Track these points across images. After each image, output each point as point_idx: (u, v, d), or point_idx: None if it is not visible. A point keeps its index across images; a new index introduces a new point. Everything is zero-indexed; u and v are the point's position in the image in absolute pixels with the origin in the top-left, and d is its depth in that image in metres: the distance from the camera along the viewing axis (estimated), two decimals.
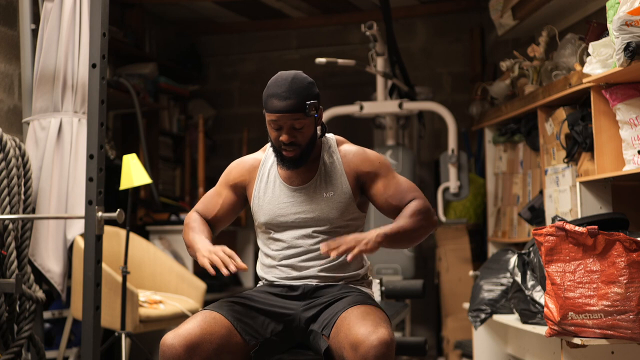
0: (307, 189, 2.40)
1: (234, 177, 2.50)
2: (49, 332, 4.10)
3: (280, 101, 2.29)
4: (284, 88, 2.30)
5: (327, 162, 2.42)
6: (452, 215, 4.92)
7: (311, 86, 2.35)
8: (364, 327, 2.11)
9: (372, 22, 4.35)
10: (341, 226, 2.39)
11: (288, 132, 2.31)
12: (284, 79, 2.33)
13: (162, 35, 5.86)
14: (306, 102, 2.30)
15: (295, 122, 2.30)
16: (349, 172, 2.41)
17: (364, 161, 2.42)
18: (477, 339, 3.86)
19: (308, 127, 2.34)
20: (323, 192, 2.39)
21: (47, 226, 3.62)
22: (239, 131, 6.00)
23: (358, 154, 2.44)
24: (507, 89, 4.30)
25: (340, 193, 2.39)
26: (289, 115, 2.29)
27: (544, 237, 2.56)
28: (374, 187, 2.41)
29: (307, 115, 2.31)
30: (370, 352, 2.05)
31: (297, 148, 2.33)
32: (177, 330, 2.18)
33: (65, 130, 3.64)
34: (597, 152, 2.92)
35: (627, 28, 2.54)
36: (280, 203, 2.41)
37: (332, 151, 2.45)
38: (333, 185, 2.39)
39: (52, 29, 3.62)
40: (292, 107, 2.29)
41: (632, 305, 2.40)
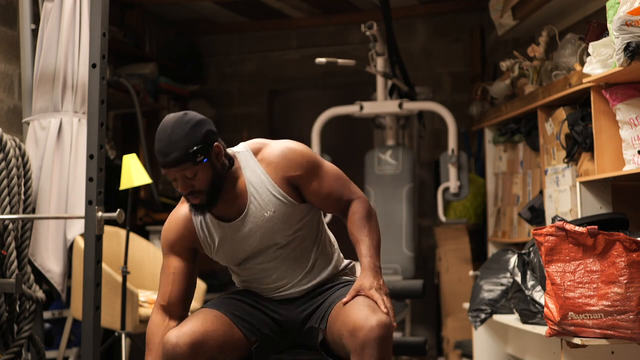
0: (246, 217, 2.28)
1: (176, 243, 2.35)
2: (49, 332, 4.10)
3: (163, 157, 2.17)
4: (165, 142, 2.17)
5: (254, 182, 2.28)
6: (452, 215, 4.92)
7: (194, 130, 2.18)
8: (362, 312, 2.10)
9: (372, 22, 4.35)
10: (298, 229, 2.32)
11: (182, 183, 2.20)
12: (163, 129, 2.19)
13: (162, 35, 5.85)
14: (189, 151, 2.15)
15: (185, 172, 2.18)
16: (279, 180, 2.28)
17: (291, 166, 2.29)
18: (477, 339, 3.86)
19: (203, 172, 2.20)
20: (264, 213, 2.27)
21: (47, 226, 3.62)
22: (239, 131, 5.99)
23: (281, 159, 2.29)
24: (507, 89, 4.30)
25: (281, 205, 2.28)
26: (176, 169, 2.18)
27: (544, 237, 2.56)
28: (307, 189, 2.31)
29: (195, 164, 2.17)
30: (370, 335, 2.05)
31: (199, 194, 2.22)
32: (180, 329, 2.18)
33: (65, 130, 3.64)
34: (597, 152, 2.92)
35: (627, 28, 2.54)
36: (230, 245, 2.31)
37: (253, 168, 2.30)
38: (269, 202, 2.27)
39: (52, 29, 3.62)
40: (176, 161, 2.16)
41: (632, 305, 2.40)
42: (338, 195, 2.34)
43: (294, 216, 2.30)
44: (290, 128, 6.30)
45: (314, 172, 2.31)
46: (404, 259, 4.45)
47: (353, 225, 2.32)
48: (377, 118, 4.98)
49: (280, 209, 2.28)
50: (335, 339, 2.18)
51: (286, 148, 2.31)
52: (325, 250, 2.40)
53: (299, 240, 2.32)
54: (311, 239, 2.36)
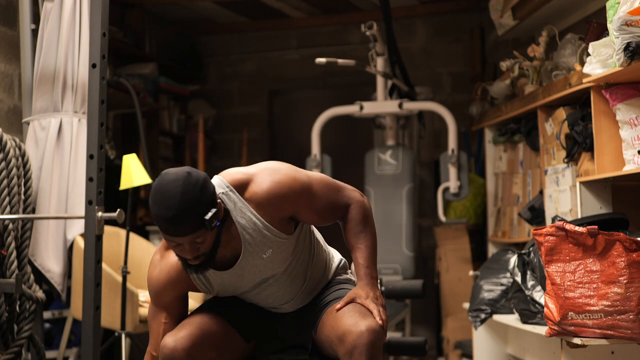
0: (243, 260, 2.17)
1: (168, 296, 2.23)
2: (49, 332, 4.10)
3: (173, 226, 1.97)
4: (174, 210, 1.95)
5: (246, 226, 2.13)
6: (452, 215, 4.92)
7: (205, 193, 2.00)
8: (351, 317, 2.09)
9: (372, 22, 4.35)
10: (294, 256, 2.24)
11: (190, 249, 2.03)
12: (168, 195, 1.96)
13: (162, 35, 5.85)
14: (204, 218, 1.98)
15: (196, 239, 2.01)
16: (271, 220, 2.14)
17: (282, 204, 2.14)
18: (477, 339, 3.86)
19: (211, 236, 2.05)
20: (261, 255, 2.16)
21: (47, 226, 3.62)
22: (239, 131, 6.00)
23: (272, 199, 2.13)
24: (507, 89, 4.30)
25: (277, 245, 2.17)
26: (188, 237, 2.00)
27: (544, 237, 2.56)
28: (304, 216, 2.21)
29: (209, 229, 2.01)
30: (359, 341, 2.03)
31: (202, 256, 2.07)
32: (177, 333, 2.16)
33: (65, 130, 3.64)
34: (597, 152, 2.92)
35: (627, 28, 2.54)
36: (229, 286, 2.23)
37: (242, 210, 2.13)
38: (265, 243, 2.15)
39: (52, 29, 3.62)
40: (190, 229, 1.98)
41: (632, 305, 2.40)
42: (333, 207, 2.25)
43: (290, 247, 2.22)
44: (290, 128, 6.30)
45: (306, 199, 2.18)
46: (404, 259, 4.45)
47: (349, 232, 2.26)
48: (377, 118, 4.98)
49: (277, 247, 2.18)
50: (325, 344, 2.18)
51: (273, 184, 2.14)
52: (318, 258, 2.35)
53: (295, 262, 2.26)
54: (306, 256, 2.30)
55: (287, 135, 6.30)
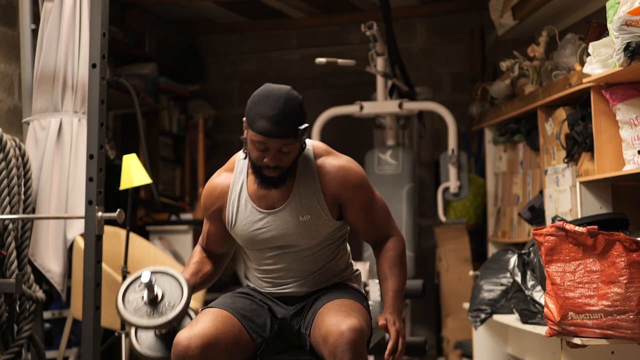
0: (281, 211, 2.27)
1: (208, 208, 2.38)
2: (49, 332, 4.10)
3: (272, 125, 2.11)
4: (277, 110, 2.12)
5: (303, 181, 2.27)
6: (452, 215, 4.92)
7: (303, 107, 2.18)
8: (335, 318, 2.11)
9: (372, 22, 4.35)
10: (322, 241, 2.33)
11: (274, 155, 2.17)
12: (275, 98, 2.14)
13: (162, 35, 5.86)
14: (299, 127, 2.15)
15: (284, 147, 2.16)
16: (327, 193, 2.27)
17: (344, 186, 2.27)
18: (477, 339, 3.86)
19: (295, 150, 2.20)
20: (299, 216, 2.25)
21: (47, 226, 3.62)
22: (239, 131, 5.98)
23: (338, 175, 2.28)
24: (507, 89, 4.30)
25: (318, 216, 2.27)
26: (280, 141, 2.14)
27: (544, 237, 2.56)
28: (351, 211, 2.32)
29: (298, 141, 2.17)
30: (340, 340, 2.05)
31: (280, 170, 2.20)
32: (191, 330, 2.15)
33: (65, 130, 3.64)
34: (597, 152, 2.92)
35: (627, 28, 2.54)
36: (253, 229, 2.30)
37: (309, 168, 2.28)
38: (309, 207, 2.26)
39: (52, 29, 3.62)
40: (285, 132, 2.13)
41: (632, 305, 2.40)
42: (379, 227, 2.37)
43: (325, 229, 2.30)
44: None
45: (363, 198, 2.31)
46: None
47: (385, 261, 2.34)
48: (377, 118, 4.98)
49: (316, 219, 2.27)
50: (315, 345, 2.20)
51: (346, 165, 2.30)
52: (341, 260, 2.41)
53: (319, 249, 2.33)
54: (330, 251, 2.37)
55: None
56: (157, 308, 2.20)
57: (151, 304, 2.20)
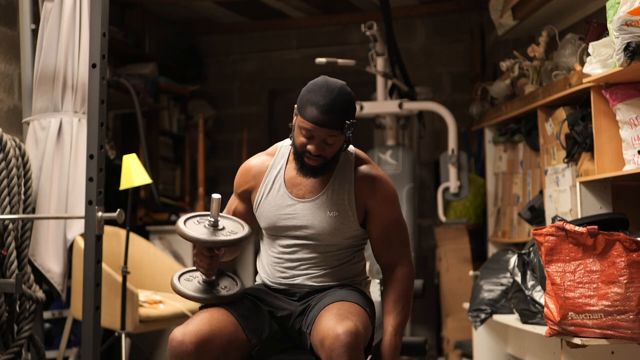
0: (311, 202, 2.33)
1: (240, 185, 2.43)
2: (49, 332, 4.10)
3: (321, 113, 2.19)
4: (328, 100, 2.19)
5: (339, 180, 2.33)
6: (452, 215, 4.92)
7: (354, 103, 2.25)
8: (330, 321, 2.12)
9: (372, 22, 4.35)
10: (343, 241, 2.36)
11: (318, 144, 2.23)
12: (329, 89, 2.21)
13: (162, 35, 5.86)
14: (346, 120, 2.21)
15: (329, 137, 2.22)
16: (358, 196, 2.33)
17: (374, 194, 2.33)
18: (477, 339, 3.86)
19: (338, 143, 2.26)
20: (327, 211, 2.31)
21: (47, 226, 3.62)
22: (239, 131, 5.99)
23: (372, 183, 2.34)
24: (507, 89, 4.30)
25: (345, 215, 2.32)
26: (326, 131, 2.21)
27: (544, 237, 2.56)
28: (373, 225, 2.36)
29: (343, 134, 2.23)
30: (335, 344, 2.06)
31: (321, 159, 2.26)
32: (186, 327, 2.16)
33: (65, 130, 3.64)
34: (597, 152, 2.92)
35: (627, 28, 2.54)
36: (280, 213, 2.35)
37: (347, 168, 2.35)
38: (339, 205, 2.32)
39: (52, 29, 3.62)
40: (332, 123, 2.20)
41: (632, 305, 2.40)
42: (393, 249, 2.37)
43: (348, 231, 2.34)
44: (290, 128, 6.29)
45: (388, 213, 2.35)
46: None
47: (392, 293, 2.35)
48: (377, 118, 4.98)
49: (342, 219, 2.32)
50: (314, 348, 2.21)
51: (382, 177, 2.36)
52: (352, 266, 2.42)
53: (336, 249, 2.36)
54: (346, 254, 2.39)
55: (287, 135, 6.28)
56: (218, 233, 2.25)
57: (214, 227, 2.25)
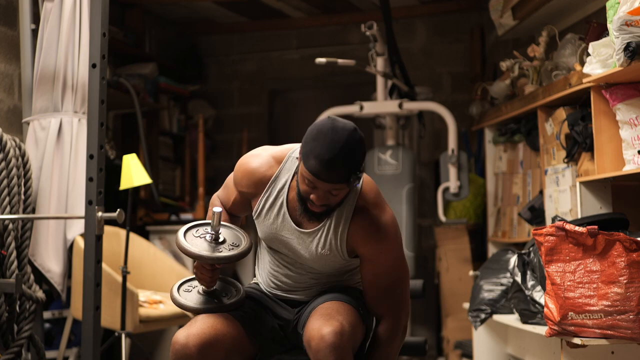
0: (307, 235, 2.23)
1: (241, 185, 2.31)
2: (49, 332, 4.10)
3: (325, 168, 2.02)
4: (333, 154, 2.00)
5: (336, 217, 2.20)
6: (452, 215, 4.92)
7: (362, 151, 2.07)
8: (318, 321, 2.11)
9: (372, 22, 4.35)
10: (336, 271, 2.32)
11: (322, 196, 2.10)
12: (335, 139, 2.01)
13: (162, 35, 5.85)
14: (353, 174, 2.05)
15: (333, 190, 2.08)
16: (349, 239, 2.21)
17: (370, 241, 2.20)
18: (477, 339, 3.86)
19: (344, 192, 2.13)
20: (319, 248, 2.21)
21: (47, 226, 3.62)
22: (239, 131, 5.99)
23: (367, 231, 2.19)
24: (507, 89, 4.29)
25: (335, 254, 2.23)
26: (329, 185, 2.06)
27: (544, 237, 2.56)
28: (363, 269, 2.26)
29: (349, 187, 2.10)
30: (321, 344, 2.05)
31: (325, 207, 2.14)
32: (189, 329, 2.15)
33: (65, 130, 3.64)
34: (597, 152, 2.92)
35: (627, 28, 2.54)
36: (278, 233, 2.26)
37: (348, 206, 2.20)
38: (330, 244, 2.21)
39: (52, 29, 3.62)
40: (337, 178, 2.04)
41: (632, 305, 2.40)
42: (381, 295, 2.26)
43: (340, 264, 2.28)
44: (290, 128, 6.30)
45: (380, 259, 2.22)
46: None
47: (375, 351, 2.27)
48: (377, 118, 4.98)
49: (333, 257, 2.24)
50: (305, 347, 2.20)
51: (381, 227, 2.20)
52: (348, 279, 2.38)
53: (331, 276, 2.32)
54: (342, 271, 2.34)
55: (287, 135, 6.28)
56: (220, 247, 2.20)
57: (215, 242, 2.21)
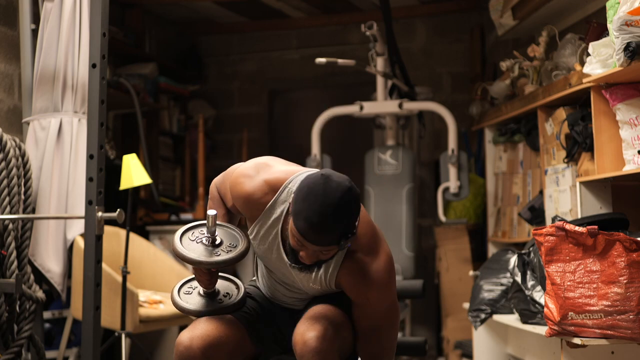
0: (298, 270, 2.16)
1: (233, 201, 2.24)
2: (49, 332, 4.10)
3: (314, 233, 1.94)
4: (323, 217, 1.91)
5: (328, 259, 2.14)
6: (452, 215, 4.92)
7: (355, 214, 1.97)
8: (303, 326, 2.10)
9: (372, 22, 4.35)
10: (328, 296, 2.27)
11: (312, 256, 2.03)
12: (326, 202, 1.92)
13: (162, 35, 5.85)
14: (343, 238, 1.97)
15: (323, 250, 2.01)
16: (339, 281, 2.17)
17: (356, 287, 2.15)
18: (477, 339, 3.86)
19: (335, 252, 2.06)
20: (310, 282, 2.19)
21: (47, 226, 3.62)
22: (239, 131, 6.00)
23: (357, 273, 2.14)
24: (507, 89, 4.30)
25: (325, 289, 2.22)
26: (319, 247, 1.99)
27: (544, 237, 2.56)
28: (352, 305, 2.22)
29: (340, 248, 2.02)
30: (304, 349, 2.05)
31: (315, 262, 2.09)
32: (193, 330, 2.14)
33: (65, 130, 3.64)
34: (597, 152, 2.92)
35: (627, 28, 2.54)
36: (271, 259, 2.23)
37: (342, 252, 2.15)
38: (321, 281, 2.18)
39: (52, 29, 3.62)
40: (327, 242, 1.97)
41: (632, 305, 2.40)
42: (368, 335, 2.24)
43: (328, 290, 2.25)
44: (290, 128, 6.30)
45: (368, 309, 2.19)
46: (404, 259, 4.45)
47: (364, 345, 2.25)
48: (377, 118, 4.98)
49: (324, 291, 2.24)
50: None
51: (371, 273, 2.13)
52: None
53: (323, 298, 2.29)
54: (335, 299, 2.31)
55: (287, 135, 6.30)
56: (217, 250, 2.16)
57: (212, 245, 2.16)
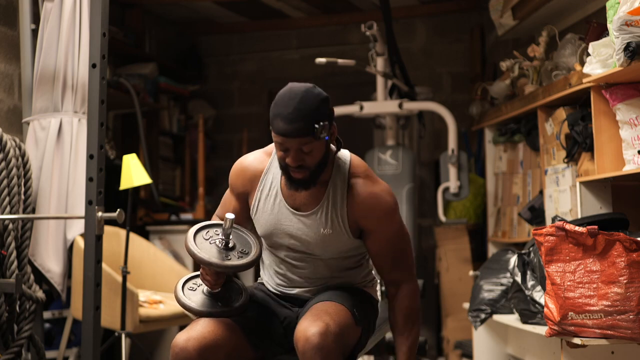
0: (307, 217, 2.23)
1: (236, 187, 2.33)
2: (49, 332, 4.10)
3: (286, 124, 2.06)
4: (291, 108, 2.06)
5: (333, 194, 2.22)
6: (452, 215, 4.92)
7: (322, 104, 2.11)
8: (305, 321, 2.10)
9: (372, 22, 4.35)
10: (341, 255, 2.31)
11: (295, 155, 2.11)
12: (291, 96, 2.08)
13: (162, 35, 5.86)
14: (315, 125, 2.08)
15: (303, 146, 2.09)
16: (350, 215, 2.22)
17: (369, 214, 2.21)
18: (477, 339, 3.86)
19: (318, 150, 2.13)
20: (321, 228, 2.21)
21: (47, 226, 3.62)
22: (239, 131, 6.00)
23: (365, 202, 2.21)
24: (507, 89, 4.30)
25: (339, 233, 2.23)
26: (296, 140, 2.08)
27: (544, 237, 2.56)
28: (370, 242, 2.27)
29: (317, 139, 2.10)
30: (306, 346, 2.04)
31: (305, 170, 2.14)
32: (189, 332, 2.13)
33: (65, 130, 3.64)
34: (597, 152, 2.92)
35: (627, 28, 2.54)
36: (277, 223, 2.26)
37: (341, 181, 2.23)
38: (332, 223, 2.21)
39: (52, 29, 3.62)
40: (299, 131, 2.07)
41: (632, 305, 2.40)
42: (395, 266, 2.28)
43: (344, 246, 2.27)
44: None
45: (386, 231, 2.24)
46: None
47: (401, 313, 2.28)
48: (377, 118, 4.98)
49: (336, 236, 2.23)
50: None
51: (377, 194, 2.22)
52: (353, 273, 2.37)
53: (335, 261, 2.31)
54: (347, 262, 2.33)
55: None
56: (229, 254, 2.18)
57: (225, 248, 2.18)
